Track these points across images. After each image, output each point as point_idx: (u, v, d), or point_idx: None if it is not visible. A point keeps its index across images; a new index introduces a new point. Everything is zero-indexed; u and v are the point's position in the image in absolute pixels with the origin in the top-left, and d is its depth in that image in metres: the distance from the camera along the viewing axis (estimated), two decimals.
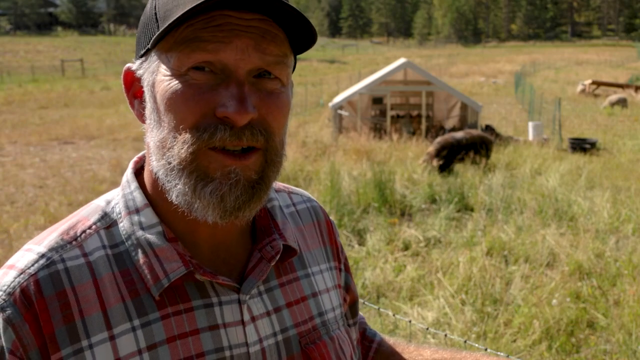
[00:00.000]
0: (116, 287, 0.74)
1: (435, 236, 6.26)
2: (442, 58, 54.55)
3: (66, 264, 0.73)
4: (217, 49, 0.70)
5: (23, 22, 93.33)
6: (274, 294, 0.84)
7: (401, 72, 13.97)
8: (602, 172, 9.47)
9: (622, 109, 18.50)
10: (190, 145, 0.70)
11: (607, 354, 3.95)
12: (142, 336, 0.73)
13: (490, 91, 26.37)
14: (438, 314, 4.43)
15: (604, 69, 39.18)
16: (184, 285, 0.76)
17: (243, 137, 0.71)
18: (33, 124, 17.03)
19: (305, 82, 28.52)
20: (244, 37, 0.70)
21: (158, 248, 0.75)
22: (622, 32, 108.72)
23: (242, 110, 0.70)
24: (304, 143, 12.12)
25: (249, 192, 0.73)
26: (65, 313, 0.70)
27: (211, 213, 0.72)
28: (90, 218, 0.79)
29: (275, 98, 0.74)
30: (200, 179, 0.71)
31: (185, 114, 0.70)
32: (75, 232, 0.77)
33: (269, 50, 0.72)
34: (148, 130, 0.76)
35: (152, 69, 0.74)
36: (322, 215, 1.00)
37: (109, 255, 0.76)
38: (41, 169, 10.58)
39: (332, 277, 0.95)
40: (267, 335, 0.81)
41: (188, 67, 0.70)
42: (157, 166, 0.74)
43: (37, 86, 30.70)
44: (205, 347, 0.75)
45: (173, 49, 0.71)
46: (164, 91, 0.72)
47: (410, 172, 9.07)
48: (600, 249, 5.59)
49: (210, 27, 0.69)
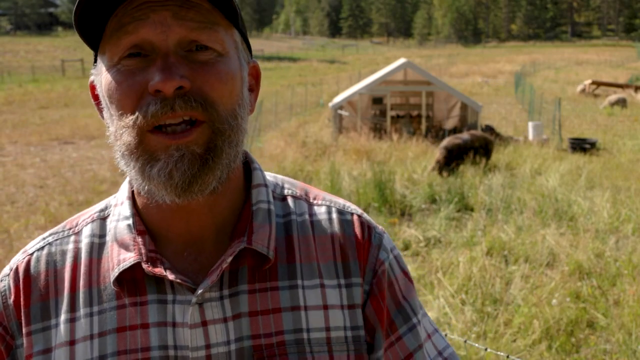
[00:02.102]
0: (89, 273, 0.79)
1: (435, 236, 6.26)
2: (442, 58, 54.55)
3: (58, 247, 0.81)
4: (136, 27, 0.71)
5: (23, 22, 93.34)
6: (238, 300, 0.77)
7: (401, 72, 13.97)
8: (602, 172, 9.47)
9: (622, 109, 18.50)
10: (132, 129, 0.71)
11: (607, 354, 3.96)
12: (97, 322, 0.76)
13: (490, 91, 26.37)
14: (438, 314, 4.43)
15: (604, 69, 39.18)
16: (144, 279, 0.77)
17: (177, 107, 0.70)
18: (33, 124, 17.04)
19: (305, 82, 28.53)
20: (161, 10, 0.71)
21: (121, 238, 0.79)
22: (622, 32, 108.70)
23: (166, 77, 0.69)
24: (304, 143, 12.12)
25: (197, 165, 0.71)
26: (44, 292, 0.78)
27: (165, 192, 0.72)
28: (94, 210, 0.86)
29: (210, 67, 0.73)
30: (147, 161, 0.72)
31: (123, 101, 0.72)
32: (78, 220, 0.85)
33: (189, 17, 0.72)
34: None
35: (99, 71, 0.77)
36: (352, 228, 0.87)
37: (94, 243, 0.81)
38: (41, 169, 10.59)
39: (345, 295, 0.83)
40: (218, 343, 0.76)
41: (119, 56, 0.72)
42: (117, 160, 0.76)
43: (37, 86, 30.71)
44: (152, 342, 0.76)
45: (106, 45, 0.73)
46: (106, 86, 0.74)
47: (410, 172, 9.08)
48: (600, 249, 5.59)
49: (129, 10, 0.71)
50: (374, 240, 0.87)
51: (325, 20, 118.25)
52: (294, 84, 26.83)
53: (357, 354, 0.82)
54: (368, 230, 0.88)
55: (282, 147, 11.29)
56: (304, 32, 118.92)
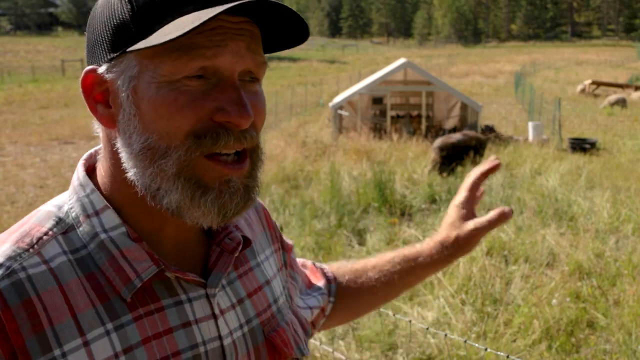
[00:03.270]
0: (84, 292, 0.71)
1: None
2: (442, 58, 54.55)
3: (28, 271, 0.69)
4: (215, 54, 0.69)
5: (23, 22, 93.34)
6: (235, 286, 0.84)
7: (401, 72, 13.97)
8: (602, 172, 9.47)
9: (622, 109, 18.50)
10: (191, 152, 0.70)
11: (607, 354, 3.96)
12: (117, 339, 0.71)
13: (490, 91, 26.37)
14: (438, 314, 4.43)
15: (604, 69, 39.17)
16: (152, 285, 0.75)
17: (244, 140, 0.72)
18: (33, 124, 17.04)
19: (305, 82, 28.53)
20: (237, 40, 0.70)
21: (125, 248, 0.74)
22: (622, 32, 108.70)
23: (244, 114, 0.70)
24: (304, 143, 12.13)
25: (246, 197, 0.74)
26: (34, 322, 0.67)
27: (210, 220, 0.73)
28: (44, 224, 0.74)
29: (259, 99, 0.76)
30: (197, 187, 0.71)
31: (181, 122, 0.69)
32: (31, 239, 0.72)
33: (258, 51, 0.74)
34: (122, 136, 0.73)
35: (131, 74, 0.71)
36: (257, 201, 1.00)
37: (71, 260, 0.72)
38: (41, 169, 10.59)
39: (275, 261, 0.97)
40: (235, 328, 0.81)
41: (184, 74, 0.69)
42: (139, 173, 0.72)
43: (37, 86, 30.72)
44: (180, 345, 0.75)
45: (161, 55, 0.68)
46: (154, 99, 0.69)
47: (410, 172, 9.08)
48: (600, 249, 5.59)
49: (205, 31, 0.68)
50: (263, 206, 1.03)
51: (325, 20, 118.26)
52: (294, 84, 26.82)
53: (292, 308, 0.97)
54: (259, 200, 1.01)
55: (282, 147, 11.29)
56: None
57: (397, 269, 1.13)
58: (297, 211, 6.80)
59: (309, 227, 6.30)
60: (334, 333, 4.12)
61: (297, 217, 6.63)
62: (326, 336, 4.06)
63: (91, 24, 0.76)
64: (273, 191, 7.69)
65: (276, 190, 7.86)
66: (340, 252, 5.71)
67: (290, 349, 0.88)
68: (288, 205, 7.06)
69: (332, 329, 4.16)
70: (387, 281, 1.13)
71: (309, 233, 6.12)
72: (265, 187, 8.10)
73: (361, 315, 1.26)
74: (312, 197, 7.59)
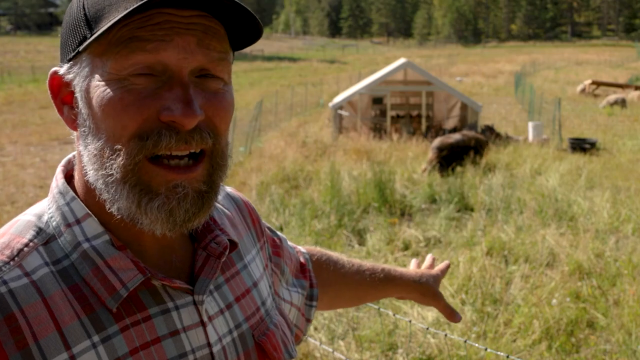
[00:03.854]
0: (68, 304, 0.68)
1: (435, 236, 6.26)
2: (442, 58, 54.54)
3: (9, 285, 0.66)
4: (157, 48, 0.66)
5: (23, 22, 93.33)
6: (223, 291, 0.82)
7: (401, 72, 13.97)
8: (602, 172, 9.47)
9: (622, 109, 18.51)
10: (134, 156, 0.67)
11: (607, 354, 3.96)
12: (104, 352, 0.68)
13: (490, 91, 26.37)
14: (438, 314, 4.43)
15: (604, 69, 39.17)
16: (138, 294, 0.73)
17: (192, 141, 0.69)
18: (33, 124, 17.04)
19: (305, 82, 28.53)
20: (186, 34, 0.67)
21: (110, 258, 0.71)
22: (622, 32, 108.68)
23: (189, 113, 0.67)
24: (304, 143, 12.12)
25: (198, 203, 0.71)
26: (18, 338, 0.64)
27: (159, 227, 0.70)
28: (24, 235, 0.72)
29: (220, 98, 0.72)
30: (144, 193, 0.68)
31: (126, 122, 0.67)
32: (11, 251, 0.69)
33: (212, 46, 0.70)
34: (81, 138, 0.72)
35: (84, 74, 0.70)
36: (239, 200, 1.00)
37: (53, 272, 0.69)
38: (42, 169, 10.59)
39: (261, 260, 0.96)
40: (224, 334, 0.79)
41: (128, 70, 0.66)
42: (94, 176, 0.70)
43: (37, 86, 30.71)
44: (169, 354, 0.72)
45: (108, 51, 0.67)
46: (101, 98, 0.67)
47: (410, 172, 9.08)
48: (600, 249, 5.59)
49: (148, 25, 0.66)
50: (248, 203, 1.01)
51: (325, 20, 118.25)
52: (294, 84, 26.82)
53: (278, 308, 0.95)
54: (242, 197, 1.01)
55: (282, 147, 11.29)
56: (304, 32, 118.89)
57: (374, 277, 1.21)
58: (297, 211, 6.79)
59: (309, 227, 6.30)
60: (334, 333, 4.12)
61: (297, 217, 6.63)
62: (326, 336, 4.07)
63: (62, 27, 0.76)
64: (273, 191, 7.69)
65: (276, 190, 7.86)
66: (340, 252, 5.70)
67: (280, 353, 0.87)
68: (288, 205, 7.06)
69: (332, 329, 4.16)
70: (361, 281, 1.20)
71: (309, 233, 6.12)
72: (265, 187, 8.10)
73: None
74: (312, 197, 7.59)
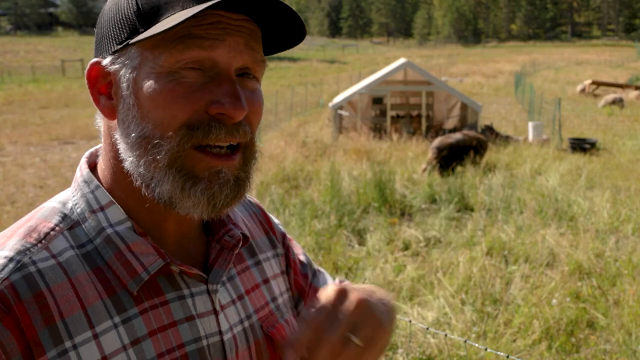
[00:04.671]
0: (92, 286, 0.73)
1: (435, 236, 6.26)
2: (442, 58, 54.55)
3: (37, 265, 0.71)
4: (212, 45, 0.71)
5: (23, 22, 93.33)
6: (235, 283, 0.87)
7: (401, 72, 13.97)
8: (602, 172, 9.47)
9: (621, 109, 18.51)
10: (183, 144, 0.72)
11: (607, 354, 3.96)
12: (125, 332, 0.73)
13: (490, 91, 26.37)
14: (438, 314, 4.43)
15: (604, 69, 39.18)
16: (156, 279, 0.77)
17: (236, 134, 0.74)
18: (33, 124, 17.04)
19: (305, 82, 28.53)
20: (236, 35, 0.73)
21: (132, 243, 0.75)
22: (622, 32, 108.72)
23: (239, 107, 0.72)
24: (304, 143, 12.12)
25: (236, 189, 0.76)
26: (46, 315, 0.69)
27: (200, 210, 0.74)
28: (50, 220, 0.76)
29: (257, 96, 0.77)
30: (188, 177, 0.73)
31: (177, 112, 0.71)
32: (39, 234, 0.74)
33: (256, 48, 0.76)
34: (121, 126, 0.75)
35: (132, 65, 0.73)
36: (255, 206, 1.03)
37: (78, 255, 0.74)
38: (42, 169, 10.59)
39: (278, 264, 0.99)
40: (235, 323, 0.83)
41: (181, 64, 0.71)
42: (134, 162, 0.74)
43: (37, 86, 30.72)
44: (185, 337, 0.77)
45: (161, 46, 0.71)
46: (152, 89, 0.71)
47: (410, 172, 9.08)
48: (600, 249, 5.59)
49: (203, 24, 0.70)
50: (267, 212, 1.04)
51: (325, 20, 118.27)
52: (294, 84, 26.82)
53: (292, 311, 0.98)
54: (259, 205, 1.05)
55: (282, 147, 11.29)
56: None
57: None
58: (297, 211, 6.79)
59: (309, 227, 6.30)
60: None
61: (297, 217, 6.63)
62: None
63: (100, 21, 0.79)
64: (273, 191, 7.69)
65: (276, 190, 7.85)
66: (340, 252, 5.71)
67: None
68: (288, 205, 7.06)
69: None
70: None
71: (309, 233, 6.12)
72: (265, 187, 8.10)
73: None
74: (312, 197, 7.59)
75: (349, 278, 5.22)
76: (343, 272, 5.34)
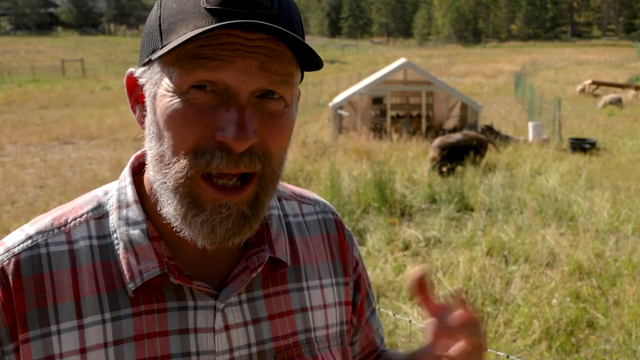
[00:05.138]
0: (94, 279, 0.74)
1: (435, 236, 6.26)
2: (442, 58, 54.57)
3: (49, 248, 0.74)
4: (217, 67, 0.67)
5: (23, 22, 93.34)
6: (255, 305, 0.81)
7: (401, 72, 13.97)
8: (602, 172, 9.47)
9: (621, 109, 18.51)
10: (187, 171, 0.69)
11: (607, 354, 3.96)
12: (111, 330, 0.73)
13: (490, 91, 26.37)
14: None
15: (604, 69, 39.18)
16: (162, 285, 0.76)
17: (241, 164, 0.69)
18: (33, 124, 17.04)
19: (305, 82, 28.52)
20: (248, 57, 0.68)
21: (138, 246, 0.76)
22: (622, 32, 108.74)
23: (240, 137, 0.67)
24: (304, 143, 12.12)
25: (240, 224, 0.72)
26: (40, 296, 0.72)
27: (200, 240, 0.72)
28: (84, 207, 0.80)
29: (277, 120, 0.72)
30: (192, 207, 0.70)
31: (185, 135, 0.69)
32: (67, 218, 0.78)
33: (274, 69, 0.70)
34: (147, 139, 0.75)
35: (154, 80, 0.72)
36: (334, 228, 0.95)
37: (93, 245, 0.76)
38: (41, 169, 10.59)
39: (336, 293, 0.91)
40: (240, 346, 0.78)
41: (189, 85, 0.68)
42: (153, 176, 0.74)
43: (37, 86, 30.71)
44: (173, 349, 0.74)
45: (175, 63, 0.69)
46: (165, 108, 0.70)
47: (410, 172, 9.08)
48: (600, 249, 5.59)
49: (213, 44, 0.67)
50: (348, 239, 0.97)
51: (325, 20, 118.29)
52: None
53: (343, 346, 0.91)
54: (344, 229, 0.97)
55: None
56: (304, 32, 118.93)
57: None
58: None
59: None
60: None
61: None
62: None
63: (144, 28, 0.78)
64: None
65: None
66: None
67: None
68: None
69: None
70: None
71: None
72: None
73: None
74: None
75: None
76: None
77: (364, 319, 0.99)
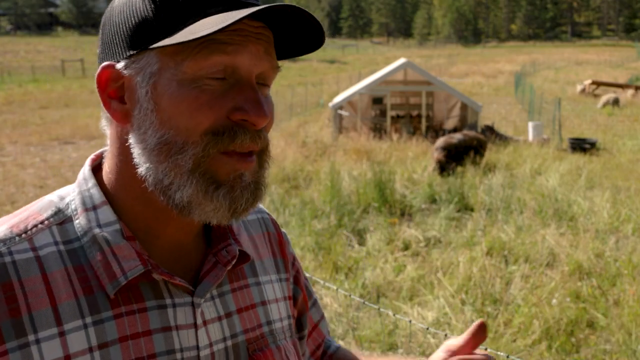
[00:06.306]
0: (69, 283, 0.72)
1: (435, 236, 6.26)
2: (442, 58, 54.57)
3: (14, 256, 0.71)
4: (235, 51, 0.71)
5: (23, 22, 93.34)
6: (225, 299, 0.84)
7: (401, 72, 13.97)
8: (602, 172, 9.48)
9: (621, 110, 18.52)
10: (209, 149, 0.72)
11: (607, 354, 3.96)
12: (94, 334, 0.71)
13: (490, 91, 26.38)
14: (438, 314, 4.43)
15: (604, 69, 39.19)
16: (139, 285, 0.75)
17: (258, 140, 0.75)
18: (33, 124, 17.04)
19: (305, 82, 28.53)
20: (257, 43, 0.73)
21: (115, 246, 0.74)
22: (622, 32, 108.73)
23: (262, 114, 0.72)
24: (304, 143, 12.12)
25: (255, 194, 0.76)
26: (12, 306, 0.68)
27: (220, 215, 0.74)
28: (42, 213, 0.77)
29: (270, 103, 0.77)
30: (211, 181, 0.72)
31: (201, 119, 0.71)
32: (26, 225, 0.74)
33: (273, 55, 0.77)
34: (135, 132, 0.74)
35: (151, 71, 0.72)
36: (272, 227, 1.01)
37: (61, 251, 0.74)
38: (41, 169, 10.59)
39: (282, 289, 0.96)
40: (217, 340, 0.81)
41: (204, 70, 0.71)
42: (151, 168, 0.73)
43: (37, 86, 30.72)
44: (157, 348, 0.75)
45: (183, 52, 0.70)
46: (175, 95, 0.71)
47: (410, 172, 9.08)
48: (600, 249, 5.59)
49: (227, 30, 0.70)
50: (285, 237, 1.02)
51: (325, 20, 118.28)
52: (294, 84, 26.82)
53: (292, 339, 0.95)
54: (278, 227, 1.03)
55: (282, 147, 11.29)
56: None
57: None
58: (297, 211, 6.80)
59: (309, 227, 6.30)
60: (334, 333, 4.12)
61: (297, 217, 6.63)
62: None
63: (107, 22, 0.77)
64: (273, 191, 7.69)
65: (276, 190, 7.86)
66: (340, 252, 5.71)
67: None
68: (288, 205, 7.06)
69: (332, 328, 4.17)
70: None
71: (309, 233, 6.12)
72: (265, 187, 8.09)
73: None
74: (312, 197, 7.60)
75: (348, 278, 5.23)
76: (343, 272, 5.35)
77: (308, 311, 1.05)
